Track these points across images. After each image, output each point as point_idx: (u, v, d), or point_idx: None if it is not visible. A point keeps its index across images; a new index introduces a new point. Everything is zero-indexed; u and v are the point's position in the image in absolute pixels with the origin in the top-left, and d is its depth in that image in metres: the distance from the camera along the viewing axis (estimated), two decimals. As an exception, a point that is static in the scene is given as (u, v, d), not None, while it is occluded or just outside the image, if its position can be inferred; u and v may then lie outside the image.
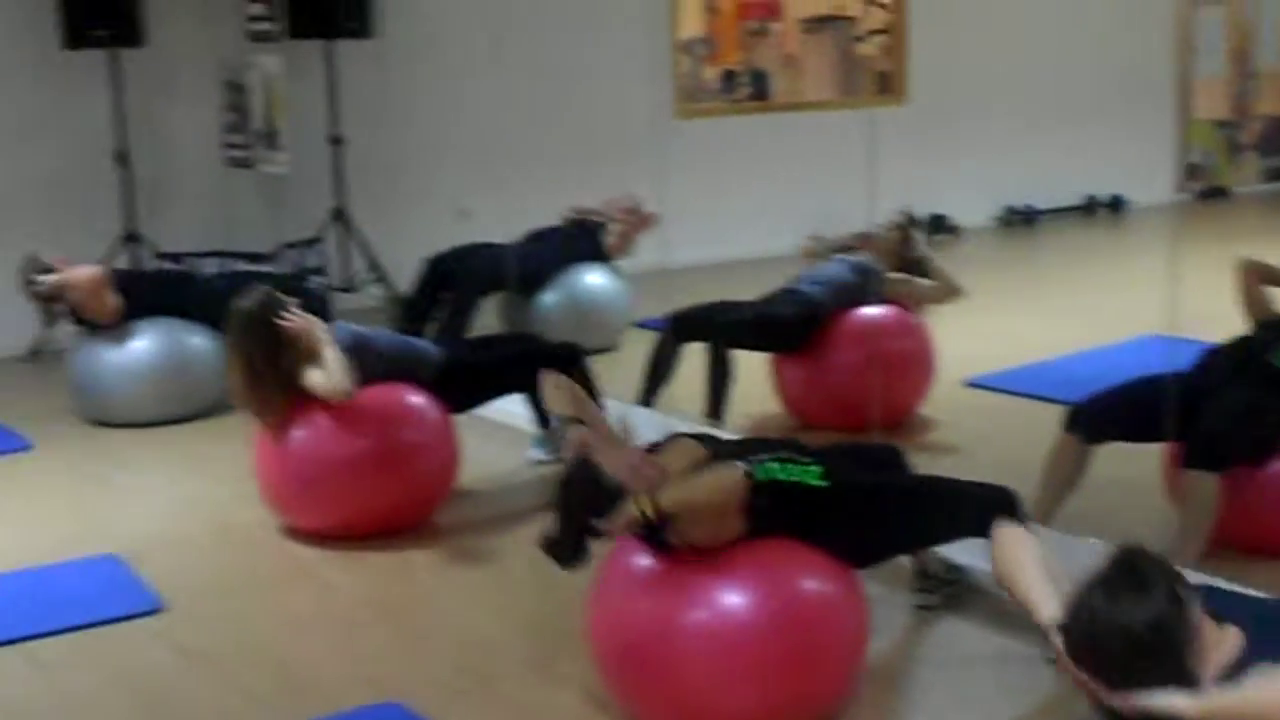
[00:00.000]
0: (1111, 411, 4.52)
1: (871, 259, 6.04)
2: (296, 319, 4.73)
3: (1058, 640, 2.51)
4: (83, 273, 6.34)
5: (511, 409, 5.64)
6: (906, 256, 6.09)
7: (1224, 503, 4.18)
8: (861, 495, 3.57)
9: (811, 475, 3.47)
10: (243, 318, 4.77)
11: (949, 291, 6.05)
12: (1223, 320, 4.84)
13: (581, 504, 3.31)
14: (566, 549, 3.35)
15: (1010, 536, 2.67)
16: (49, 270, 6.30)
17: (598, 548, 3.39)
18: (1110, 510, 4.62)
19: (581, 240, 7.56)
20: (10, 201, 7.88)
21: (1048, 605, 2.53)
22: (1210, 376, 4.52)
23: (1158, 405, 4.33)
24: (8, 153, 7.87)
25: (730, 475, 3.34)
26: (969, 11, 10.71)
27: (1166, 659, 2.43)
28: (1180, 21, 12.01)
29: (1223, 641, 2.56)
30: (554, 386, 3.83)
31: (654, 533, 3.34)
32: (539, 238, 7.53)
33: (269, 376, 4.74)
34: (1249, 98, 12.95)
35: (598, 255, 7.52)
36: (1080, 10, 11.35)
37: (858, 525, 3.52)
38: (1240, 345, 4.67)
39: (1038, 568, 2.60)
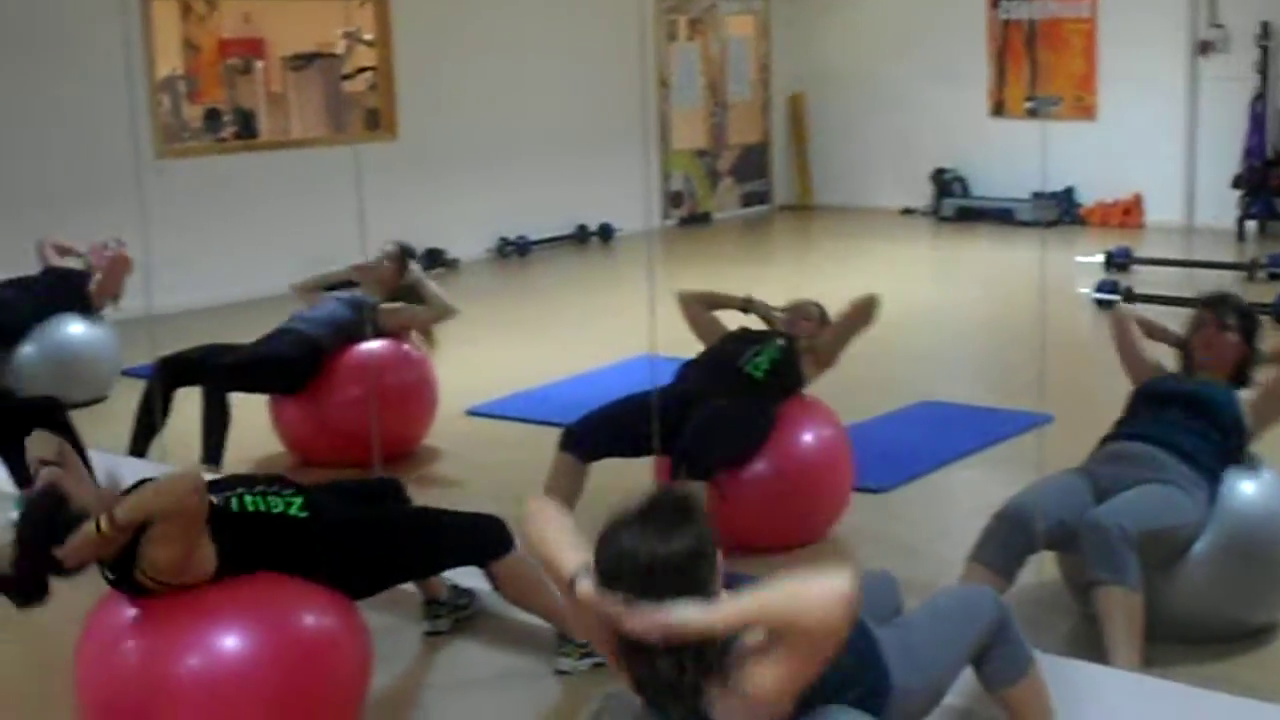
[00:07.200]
0: (600, 431, 4.74)
1: (366, 292, 6.03)
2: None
3: (584, 582, 2.52)
4: None
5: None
6: (401, 285, 6.11)
7: (711, 506, 4.41)
8: (348, 526, 3.58)
9: (293, 506, 3.47)
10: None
11: (441, 311, 6.09)
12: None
13: (43, 534, 3.12)
14: (24, 584, 3.14)
15: (537, 507, 2.72)
16: None
17: (61, 584, 3.19)
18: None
19: (61, 290, 7.14)
20: None
21: (574, 557, 2.57)
22: (689, 390, 4.78)
23: (641, 422, 4.55)
24: None
25: (180, 477, 3.24)
26: (457, 48, 10.87)
27: (694, 576, 2.47)
28: (657, 57, 12.67)
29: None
30: (38, 439, 3.61)
31: (123, 575, 3.20)
32: (13, 287, 7.07)
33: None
34: (723, 128, 13.79)
35: (81, 305, 7.12)
36: (566, 45, 11.75)
37: (347, 556, 3.52)
38: (712, 358, 4.97)
39: (565, 531, 2.66)
